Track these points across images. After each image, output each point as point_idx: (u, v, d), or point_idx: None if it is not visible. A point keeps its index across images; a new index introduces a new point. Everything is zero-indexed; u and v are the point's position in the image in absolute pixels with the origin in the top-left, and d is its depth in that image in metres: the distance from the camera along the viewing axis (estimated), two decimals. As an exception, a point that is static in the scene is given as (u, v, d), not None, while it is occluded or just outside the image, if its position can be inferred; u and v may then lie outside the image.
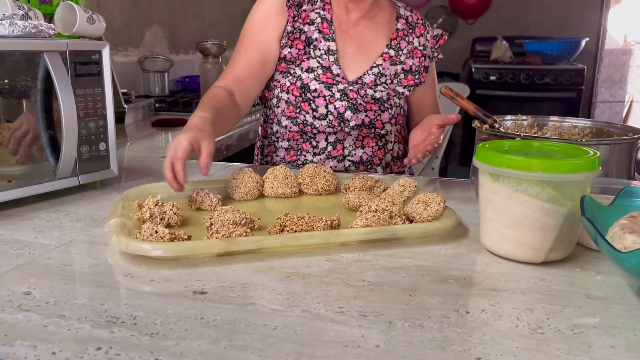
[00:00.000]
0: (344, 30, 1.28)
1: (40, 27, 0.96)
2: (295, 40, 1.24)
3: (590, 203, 0.67)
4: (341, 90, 1.24)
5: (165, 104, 2.20)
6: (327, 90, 1.24)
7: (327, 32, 1.26)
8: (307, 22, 1.25)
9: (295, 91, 1.24)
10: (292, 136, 1.30)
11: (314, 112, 1.25)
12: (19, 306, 0.59)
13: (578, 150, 0.75)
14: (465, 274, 0.70)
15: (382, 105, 1.25)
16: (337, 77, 1.25)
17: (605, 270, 0.71)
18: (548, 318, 0.58)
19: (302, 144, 1.30)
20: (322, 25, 1.26)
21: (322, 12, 1.26)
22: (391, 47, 1.29)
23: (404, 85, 1.29)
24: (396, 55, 1.28)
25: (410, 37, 1.30)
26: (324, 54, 1.25)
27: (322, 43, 1.25)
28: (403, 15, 1.32)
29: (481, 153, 0.74)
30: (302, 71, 1.25)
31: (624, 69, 4.29)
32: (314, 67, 1.25)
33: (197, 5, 2.98)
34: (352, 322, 0.57)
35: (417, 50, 1.30)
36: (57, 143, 0.96)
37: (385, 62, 1.28)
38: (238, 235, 0.73)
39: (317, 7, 1.27)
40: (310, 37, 1.25)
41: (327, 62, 1.25)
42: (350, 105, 1.24)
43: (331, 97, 1.24)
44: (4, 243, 0.77)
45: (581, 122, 1.07)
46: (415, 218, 0.84)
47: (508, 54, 4.01)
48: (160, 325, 0.56)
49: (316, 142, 1.29)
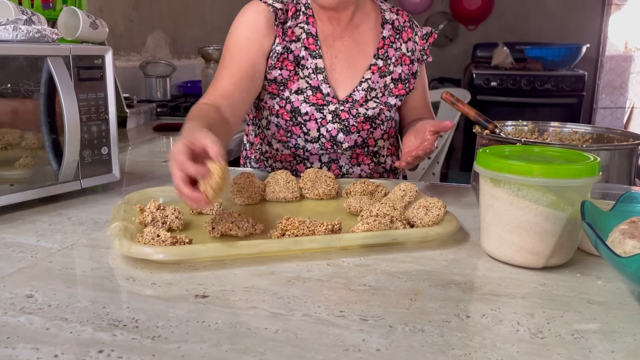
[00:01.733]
0: (330, 44, 1.22)
1: (44, 32, 0.96)
2: (285, 61, 1.19)
3: (590, 208, 0.67)
4: (332, 112, 1.20)
5: (166, 109, 2.21)
6: (318, 113, 1.20)
7: (313, 48, 1.20)
8: (292, 39, 1.20)
9: (285, 115, 1.20)
10: (284, 158, 1.27)
11: (305, 135, 1.21)
12: (21, 309, 0.59)
13: (578, 156, 0.75)
14: (465, 279, 0.70)
15: (374, 123, 1.22)
16: (327, 96, 1.20)
17: (606, 275, 0.71)
18: (548, 323, 0.59)
19: (295, 165, 1.27)
20: (308, 40, 1.20)
21: (307, 27, 1.21)
22: (379, 57, 1.24)
23: (395, 95, 1.25)
24: (385, 65, 1.24)
25: (398, 44, 1.25)
26: (312, 73, 1.20)
27: (309, 61, 1.20)
28: (389, 19, 1.26)
29: (482, 158, 0.74)
30: (291, 93, 1.20)
31: (624, 75, 4.30)
32: (303, 89, 1.20)
33: (199, 10, 2.99)
34: (352, 326, 0.57)
35: (405, 57, 1.25)
36: (60, 147, 0.97)
37: (374, 75, 1.23)
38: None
39: (301, 21, 1.21)
40: (298, 55, 1.20)
41: (316, 81, 1.20)
42: (342, 127, 1.20)
43: (323, 120, 1.20)
44: (7, 246, 0.78)
45: (582, 128, 1.07)
46: (416, 223, 0.84)
47: (509, 60, 4.02)
48: (161, 328, 0.56)
49: (310, 164, 1.26)
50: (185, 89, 2.66)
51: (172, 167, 0.73)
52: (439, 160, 2.63)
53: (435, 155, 2.59)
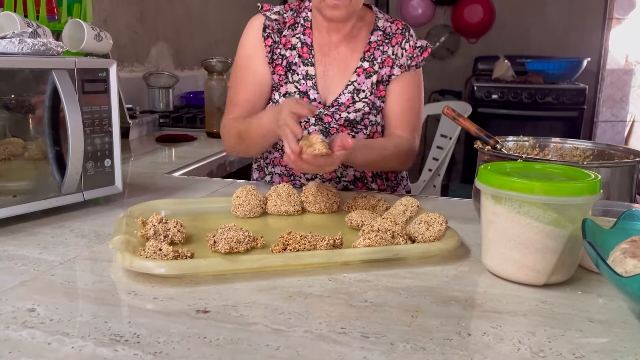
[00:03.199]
0: (324, 53, 1.27)
1: (49, 44, 0.97)
2: (277, 67, 1.26)
3: (591, 226, 0.67)
4: (316, 116, 1.23)
5: (169, 120, 2.22)
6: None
7: (306, 56, 1.26)
8: (288, 47, 1.27)
9: None
10: (279, 162, 1.31)
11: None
12: (23, 323, 0.60)
13: (579, 173, 0.76)
14: (467, 295, 0.70)
15: (355, 127, 1.24)
16: (314, 102, 1.24)
17: (607, 293, 0.71)
18: (550, 341, 0.59)
19: (292, 171, 1.30)
20: (302, 50, 1.26)
21: (303, 37, 1.27)
22: (364, 59, 1.26)
23: (378, 97, 1.26)
24: (370, 66, 1.26)
25: (385, 47, 1.27)
26: (302, 79, 1.25)
27: (300, 68, 1.26)
28: (381, 27, 1.29)
29: (483, 175, 0.74)
30: (280, 96, 1.26)
31: (625, 89, 4.31)
32: (291, 93, 1.25)
33: (202, 22, 3.01)
34: (354, 344, 0.57)
35: (389, 59, 1.27)
36: (63, 159, 0.97)
37: (360, 77, 1.26)
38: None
39: (298, 32, 1.27)
40: (292, 62, 1.26)
41: (305, 86, 1.25)
42: (323, 129, 1.23)
43: (306, 123, 1.24)
44: (9, 259, 0.78)
45: (582, 144, 1.08)
46: (418, 238, 0.85)
47: (510, 73, 4.03)
48: (163, 344, 0.56)
49: None
50: (188, 100, 2.67)
51: (286, 132, 0.96)
52: (440, 172, 2.63)
53: (437, 168, 2.60)
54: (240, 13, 3.29)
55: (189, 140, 1.98)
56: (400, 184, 1.38)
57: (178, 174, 1.44)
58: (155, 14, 2.57)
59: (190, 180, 1.31)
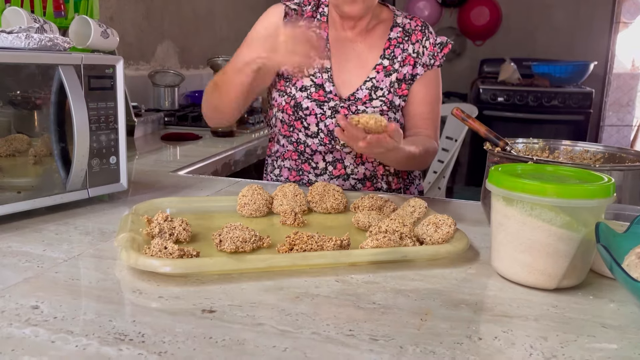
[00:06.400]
0: (341, 46, 1.28)
1: (56, 40, 0.97)
2: None
3: (605, 230, 0.66)
4: (332, 108, 1.24)
5: (174, 118, 2.21)
6: (318, 108, 1.25)
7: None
8: None
9: (289, 110, 1.27)
10: (290, 156, 1.31)
11: (305, 130, 1.26)
12: (26, 320, 0.59)
13: (592, 176, 0.74)
14: (476, 299, 0.69)
15: None
16: (330, 94, 1.25)
17: (619, 298, 0.70)
18: (562, 347, 0.57)
19: (301, 165, 1.30)
20: None
21: (319, 32, 1.26)
22: (385, 57, 1.27)
23: (399, 96, 1.27)
24: (390, 65, 1.27)
25: (406, 45, 1.28)
26: (318, 72, 1.26)
27: (316, 61, 1.25)
28: (400, 23, 1.30)
29: (494, 176, 0.73)
30: (297, 90, 1.26)
31: (631, 93, 4.29)
32: (307, 86, 1.26)
33: (208, 21, 3.01)
34: (362, 346, 0.56)
35: (410, 57, 1.27)
36: (68, 155, 0.97)
37: (379, 74, 1.26)
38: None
39: (314, 26, 1.25)
40: None
41: (321, 79, 1.26)
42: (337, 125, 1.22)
43: (322, 115, 1.24)
44: (13, 255, 0.77)
45: (593, 147, 1.06)
46: (426, 240, 0.83)
47: (516, 76, 4.02)
48: (168, 344, 0.55)
49: (315, 163, 1.29)
50: (193, 99, 2.66)
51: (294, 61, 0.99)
52: (445, 174, 2.62)
53: (442, 170, 2.58)
54: (247, 12, 3.29)
55: (194, 139, 1.97)
56: (413, 182, 1.38)
57: (183, 172, 1.43)
58: (162, 12, 2.56)
59: (195, 179, 1.30)
